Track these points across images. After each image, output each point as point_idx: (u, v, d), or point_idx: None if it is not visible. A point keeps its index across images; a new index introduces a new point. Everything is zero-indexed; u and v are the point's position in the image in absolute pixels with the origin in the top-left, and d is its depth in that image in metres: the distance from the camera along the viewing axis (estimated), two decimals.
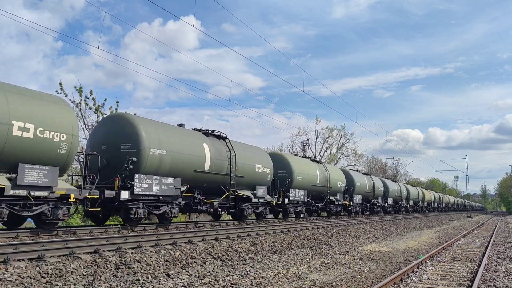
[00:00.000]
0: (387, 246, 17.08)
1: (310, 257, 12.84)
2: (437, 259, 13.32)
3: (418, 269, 10.98)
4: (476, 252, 15.22)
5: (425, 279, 9.74)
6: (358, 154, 60.52)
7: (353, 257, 13.48)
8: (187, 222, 17.28)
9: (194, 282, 8.20)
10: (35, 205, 10.62)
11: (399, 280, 9.39)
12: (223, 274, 9.19)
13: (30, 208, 10.53)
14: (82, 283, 7.08)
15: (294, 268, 10.95)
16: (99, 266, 7.98)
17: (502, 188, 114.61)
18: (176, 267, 9.21)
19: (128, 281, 7.65)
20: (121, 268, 8.24)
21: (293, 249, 13.86)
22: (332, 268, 11.39)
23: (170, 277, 8.41)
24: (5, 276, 6.54)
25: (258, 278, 9.22)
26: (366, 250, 15.37)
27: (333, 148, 58.67)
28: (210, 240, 12.01)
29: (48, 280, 6.86)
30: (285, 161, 23.19)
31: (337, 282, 9.36)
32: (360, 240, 18.63)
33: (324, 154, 57.20)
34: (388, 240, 20.10)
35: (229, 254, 11.13)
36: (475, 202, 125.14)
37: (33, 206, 10.58)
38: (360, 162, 63.26)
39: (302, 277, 9.78)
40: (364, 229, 21.79)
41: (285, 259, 11.97)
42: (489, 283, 9.24)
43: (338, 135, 58.49)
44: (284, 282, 9.02)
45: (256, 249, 12.46)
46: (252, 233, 14.43)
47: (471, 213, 69.69)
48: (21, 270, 6.92)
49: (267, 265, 10.89)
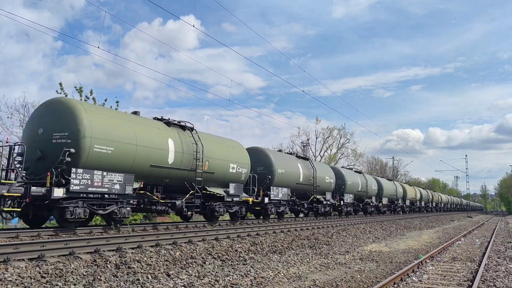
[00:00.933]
0: (387, 246, 17.08)
1: (310, 257, 12.84)
2: (437, 259, 13.32)
3: (418, 269, 10.98)
4: (476, 252, 15.22)
5: (425, 279, 9.74)
6: (358, 154, 60.65)
7: (353, 257, 13.48)
8: (187, 222, 17.26)
9: (194, 282, 8.20)
10: None
11: (399, 280, 9.39)
12: (223, 274, 9.19)
13: None
14: (82, 283, 7.08)
15: (294, 268, 10.95)
16: (99, 266, 7.98)
17: (502, 188, 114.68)
18: (176, 267, 9.21)
19: (128, 281, 7.65)
20: (121, 268, 8.24)
21: (293, 249, 13.86)
22: (332, 268, 11.38)
23: (170, 277, 8.42)
24: (5, 276, 6.54)
25: (258, 278, 9.22)
26: (366, 250, 15.37)
27: (333, 148, 58.76)
28: (210, 240, 12.01)
29: (48, 280, 6.86)
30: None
31: (337, 282, 9.35)
32: (360, 240, 18.63)
33: (324, 154, 57.29)
34: (388, 240, 20.10)
35: (229, 254, 11.13)
36: (474, 202, 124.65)
37: None
38: (360, 162, 63.40)
39: (302, 277, 9.78)
40: (364, 229, 21.80)
41: (285, 259, 11.97)
42: (489, 283, 9.24)
43: (338, 135, 58.58)
44: (284, 282, 9.02)
45: (256, 249, 12.46)
46: (252, 233, 14.43)
47: (470, 213, 69.70)
48: (21, 270, 6.92)
49: (267, 265, 10.88)
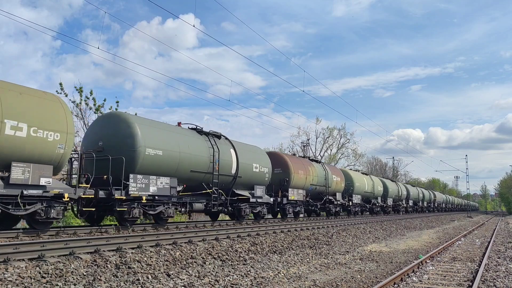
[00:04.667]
0: (387, 246, 17.07)
1: (310, 257, 12.83)
2: (438, 259, 13.32)
3: (419, 269, 10.98)
4: (476, 252, 15.21)
5: (425, 279, 9.73)
6: (358, 154, 60.67)
7: (353, 257, 13.47)
8: (187, 222, 17.26)
9: (194, 282, 8.19)
10: (28, 204, 10.42)
11: (400, 280, 9.39)
12: (223, 274, 9.19)
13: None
14: (82, 283, 7.08)
15: (294, 268, 10.95)
16: (99, 266, 7.98)
17: (502, 188, 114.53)
18: (176, 267, 9.21)
19: (128, 281, 7.65)
20: (121, 268, 8.24)
21: (293, 249, 13.86)
22: (333, 268, 11.38)
23: (170, 277, 8.41)
24: (5, 276, 6.54)
25: (258, 278, 9.22)
26: (367, 250, 15.37)
27: (333, 148, 58.81)
28: (210, 240, 12.01)
29: (48, 280, 6.86)
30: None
31: (337, 282, 9.35)
32: (360, 240, 18.62)
33: (325, 154, 57.30)
34: (388, 240, 20.09)
35: (229, 254, 11.13)
36: (473, 202, 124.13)
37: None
38: (360, 162, 63.40)
39: (302, 277, 9.77)
40: (364, 229, 21.79)
41: (285, 259, 11.96)
42: (490, 283, 9.23)
43: (338, 135, 58.64)
44: (284, 282, 9.01)
45: (256, 249, 12.46)
46: (252, 233, 14.42)
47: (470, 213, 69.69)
48: (21, 270, 6.92)
49: (267, 265, 10.88)
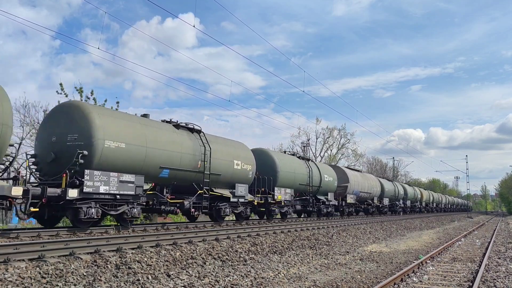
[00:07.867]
0: (387, 247, 17.07)
1: (310, 258, 12.83)
2: (438, 259, 13.31)
3: (419, 270, 10.97)
4: (476, 253, 15.21)
5: (425, 280, 9.73)
6: (358, 154, 60.71)
7: (354, 258, 13.47)
8: (187, 223, 17.26)
9: (195, 283, 8.20)
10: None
11: (400, 281, 9.38)
12: (224, 275, 9.19)
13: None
14: (82, 284, 7.08)
15: (295, 268, 10.95)
16: (100, 267, 7.99)
17: (502, 188, 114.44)
18: (177, 268, 9.21)
19: (128, 282, 7.65)
20: (122, 268, 8.24)
21: (293, 249, 13.86)
22: (333, 268, 11.38)
23: (170, 278, 8.42)
24: (5, 276, 6.54)
25: (259, 278, 9.22)
26: (367, 251, 15.36)
27: (334, 148, 58.85)
28: (210, 240, 12.01)
29: (49, 281, 6.87)
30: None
31: (338, 282, 9.35)
32: (360, 240, 18.62)
33: (325, 154, 57.33)
34: (389, 240, 20.08)
35: (230, 255, 11.13)
36: (461, 200, 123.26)
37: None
38: (360, 162, 63.43)
39: (302, 277, 9.77)
40: (364, 230, 21.78)
41: (286, 260, 11.96)
42: (490, 284, 9.23)
43: (338, 135, 58.72)
44: (285, 283, 9.01)
45: (257, 249, 12.46)
46: (253, 233, 14.42)
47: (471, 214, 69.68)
48: (21, 270, 6.92)
49: (268, 265, 10.88)
